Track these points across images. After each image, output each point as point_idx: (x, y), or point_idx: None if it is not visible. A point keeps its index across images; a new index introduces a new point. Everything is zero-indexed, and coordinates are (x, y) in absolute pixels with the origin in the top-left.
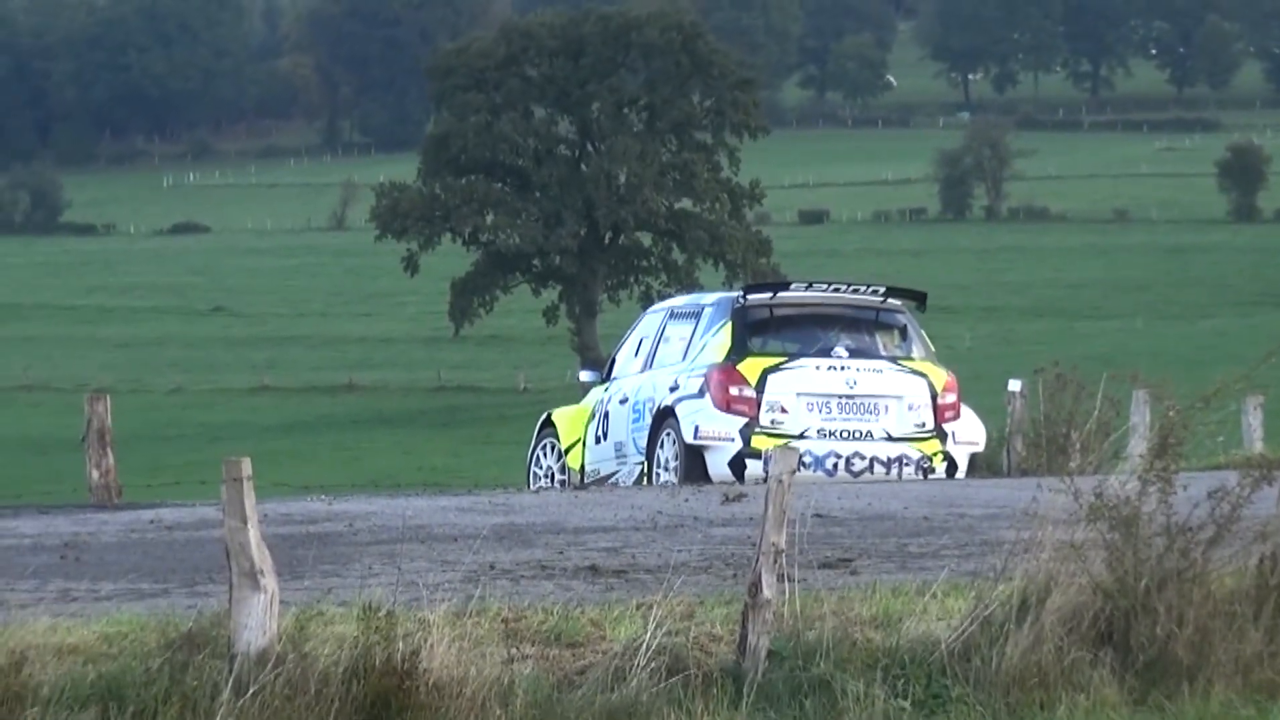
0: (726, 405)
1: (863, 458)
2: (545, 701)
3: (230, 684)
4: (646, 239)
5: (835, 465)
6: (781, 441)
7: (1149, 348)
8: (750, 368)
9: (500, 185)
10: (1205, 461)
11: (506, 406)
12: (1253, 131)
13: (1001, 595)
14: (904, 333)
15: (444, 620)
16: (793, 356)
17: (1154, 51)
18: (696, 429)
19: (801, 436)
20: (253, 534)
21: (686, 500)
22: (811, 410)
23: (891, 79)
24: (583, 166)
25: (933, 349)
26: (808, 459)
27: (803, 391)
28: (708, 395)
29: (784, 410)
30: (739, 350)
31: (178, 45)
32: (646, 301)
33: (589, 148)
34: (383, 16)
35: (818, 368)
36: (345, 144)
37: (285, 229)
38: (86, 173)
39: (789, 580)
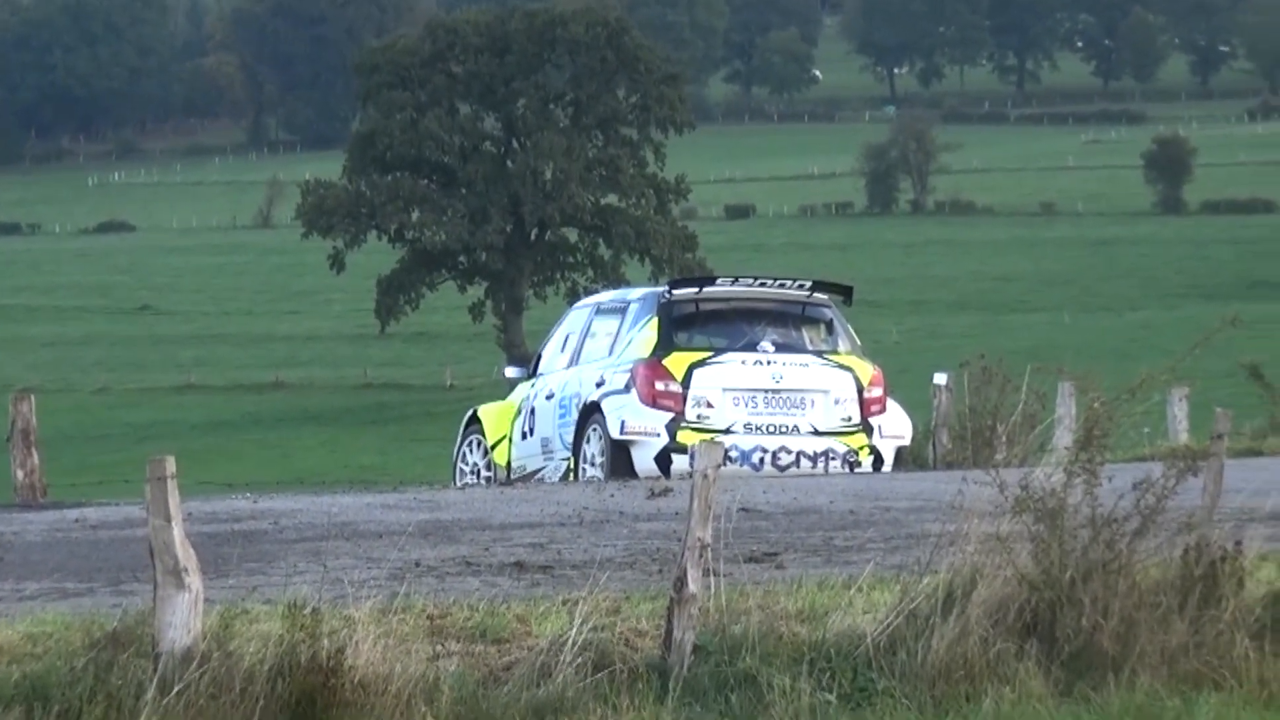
0: (652, 400)
1: (789, 452)
2: (471, 698)
3: (155, 683)
4: (573, 235)
5: (761, 460)
6: (707, 436)
7: (1076, 341)
8: (676, 362)
9: (426, 182)
10: (1131, 453)
11: (434, 403)
12: (1178, 124)
13: (927, 588)
14: (830, 327)
15: (369, 618)
16: (718, 351)
17: (1079, 45)
18: (622, 424)
19: (728, 431)
20: (177, 533)
21: (612, 496)
22: (738, 405)
23: (817, 74)
24: (508, 163)
25: (859, 343)
26: (734, 454)
27: (729, 386)
28: (634, 390)
29: (710, 405)
30: (665, 345)
31: (102, 44)
32: (573, 297)
33: (515, 144)
34: (308, 14)
35: (744, 362)
36: (271, 142)
37: (211, 227)
38: (11, 172)
39: (715, 575)
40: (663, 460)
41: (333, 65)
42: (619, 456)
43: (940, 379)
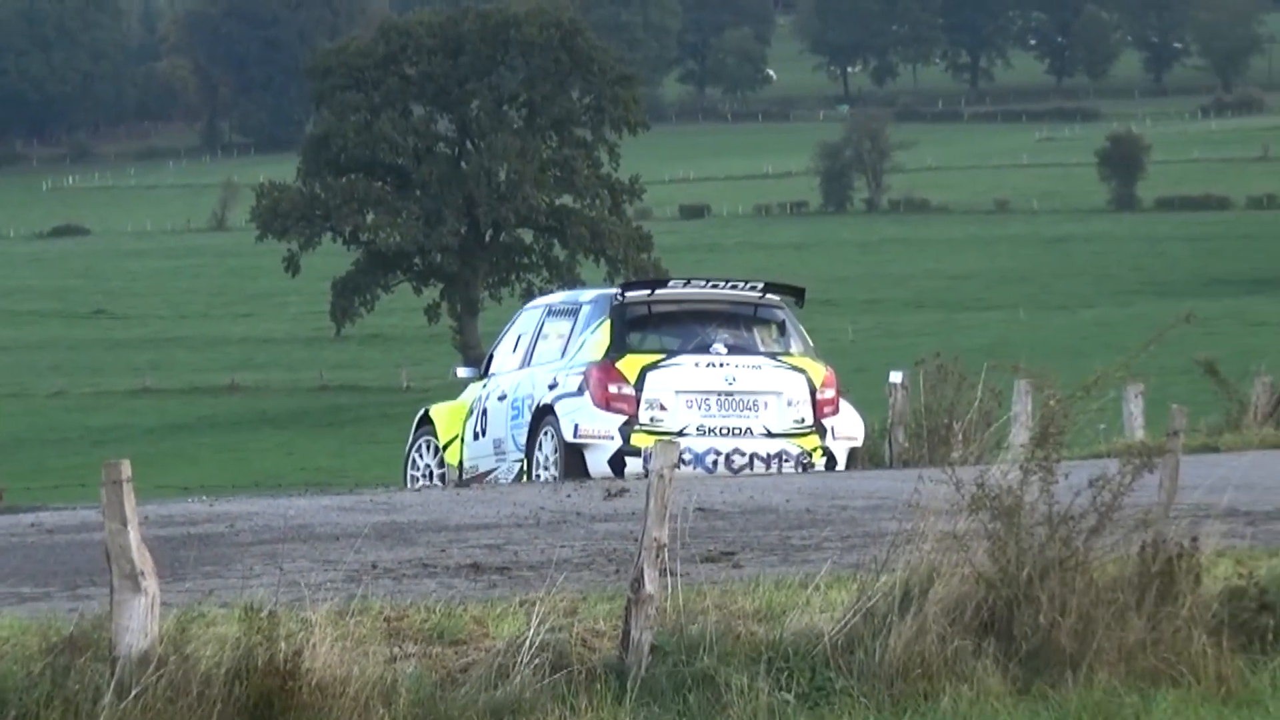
0: (606, 403)
1: (742, 454)
2: (428, 700)
3: (112, 687)
4: (527, 236)
5: (715, 462)
6: (661, 439)
7: (1031, 338)
8: (629, 365)
9: (380, 184)
10: (1087, 450)
11: (390, 405)
12: (1131, 120)
13: (884, 587)
14: (782, 328)
15: (326, 620)
16: (671, 354)
17: (1032, 42)
18: (576, 427)
19: (681, 434)
20: (133, 536)
21: (569, 496)
22: (691, 407)
23: (771, 73)
24: (463, 164)
25: (811, 344)
26: (687, 456)
27: (682, 389)
28: (587, 393)
29: (663, 408)
30: (618, 348)
31: (56, 49)
32: (528, 299)
33: (469, 145)
34: (261, 17)
35: (696, 365)
36: (225, 145)
37: (165, 230)
38: None
39: (672, 575)
40: (616, 463)
41: (286, 68)
42: (573, 459)
43: (896, 377)
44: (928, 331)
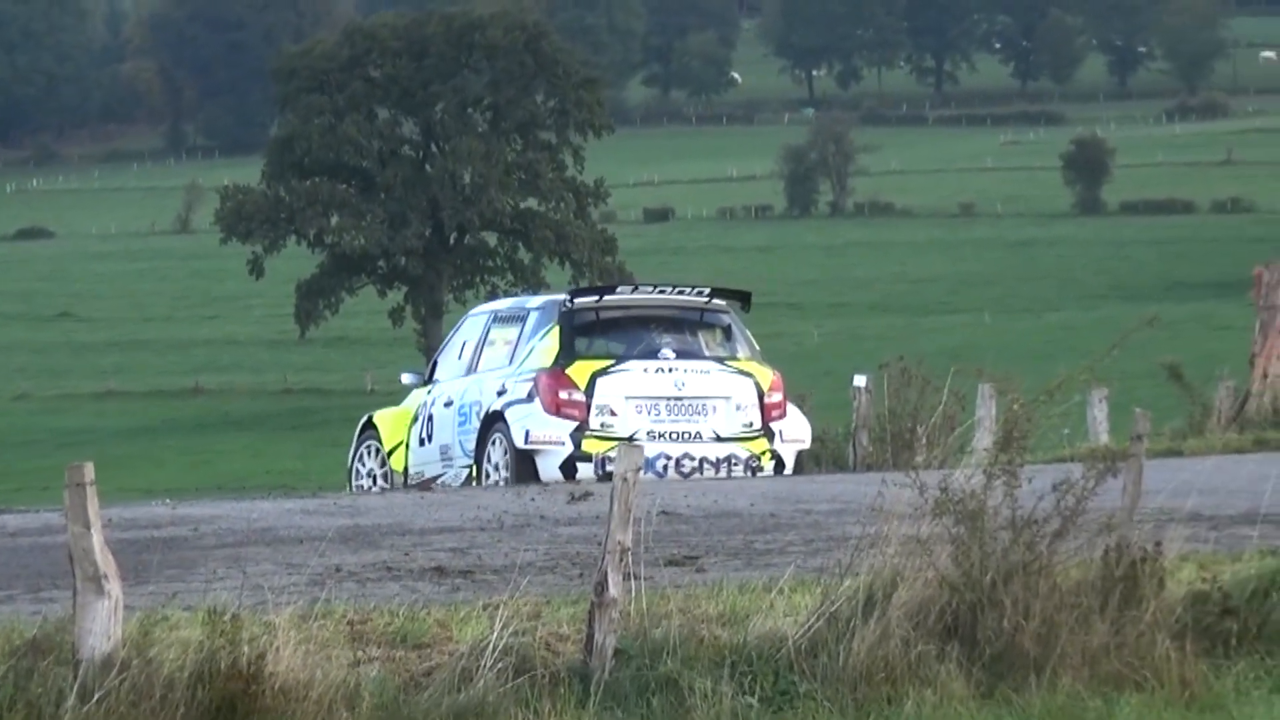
0: (556, 409)
1: (692, 459)
2: (392, 703)
3: (75, 690)
4: (492, 239)
5: (665, 467)
6: (612, 445)
7: (996, 342)
8: (579, 371)
9: (345, 187)
10: (1051, 454)
11: (354, 408)
12: (1096, 124)
13: (848, 591)
14: (729, 333)
15: (290, 623)
16: (620, 359)
17: (997, 46)
18: (527, 434)
19: (631, 439)
20: (96, 539)
21: (532, 500)
22: (641, 412)
23: (736, 76)
24: (427, 167)
25: (758, 348)
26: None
27: (631, 394)
28: (537, 400)
29: (613, 413)
30: (567, 354)
31: (20, 51)
32: (491, 298)
33: (433, 148)
34: (226, 20)
35: (646, 370)
36: (189, 148)
37: (130, 233)
38: None
39: (635, 579)
40: (568, 468)
41: (251, 70)
42: (524, 465)
43: (860, 381)
44: (892, 335)
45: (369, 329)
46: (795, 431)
